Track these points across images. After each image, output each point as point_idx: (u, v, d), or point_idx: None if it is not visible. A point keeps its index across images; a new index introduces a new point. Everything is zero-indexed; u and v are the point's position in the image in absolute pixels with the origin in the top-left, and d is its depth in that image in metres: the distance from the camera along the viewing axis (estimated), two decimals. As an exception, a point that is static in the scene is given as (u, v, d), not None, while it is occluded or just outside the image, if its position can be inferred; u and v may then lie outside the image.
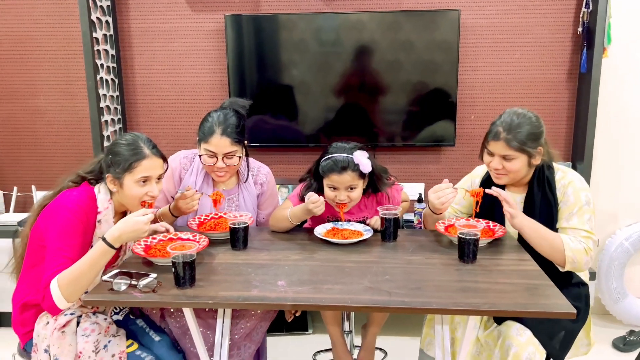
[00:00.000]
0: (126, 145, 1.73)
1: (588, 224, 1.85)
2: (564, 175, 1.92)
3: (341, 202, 1.96)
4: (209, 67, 3.00)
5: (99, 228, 1.72)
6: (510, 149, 1.84)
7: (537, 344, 1.77)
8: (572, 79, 2.88)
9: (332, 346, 2.18)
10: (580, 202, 1.86)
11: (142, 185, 1.73)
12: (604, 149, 2.92)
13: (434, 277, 1.60)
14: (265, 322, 2.02)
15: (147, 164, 1.73)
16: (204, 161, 2.04)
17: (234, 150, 2.01)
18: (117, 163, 1.71)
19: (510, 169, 1.87)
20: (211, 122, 2.01)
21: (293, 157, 3.08)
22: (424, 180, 3.04)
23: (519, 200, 1.98)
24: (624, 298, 2.92)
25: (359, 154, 1.93)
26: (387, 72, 2.85)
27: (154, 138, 3.06)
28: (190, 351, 1.92)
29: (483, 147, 1.95)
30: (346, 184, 1.93)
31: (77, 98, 3.05)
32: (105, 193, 1.75)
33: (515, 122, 1.85)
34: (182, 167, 2.15)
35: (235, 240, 1.84)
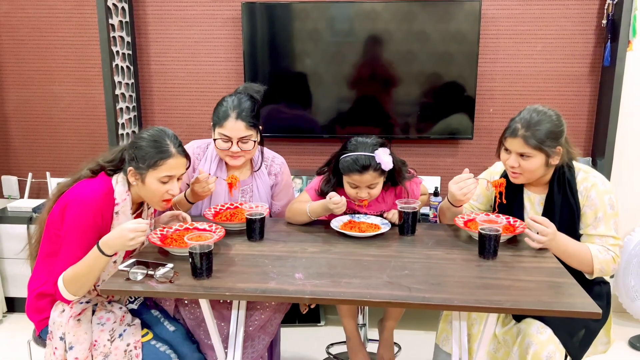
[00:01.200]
0: (153, 141, 1.69)
1: (614, 230, 1.81)
2: (586, 176, 1.87)
3: (363, 198, 1.93)
4: (225, 56, 2.97)
5: (116, 219, 1.70)
6: (528, 147, 1.79)
7: (557, 342, 1.75)
8: (594, 72, 2.82)
9: (347, 339, 2.16)
10: (605, 206, 1.81)
11: (164, 183, 1.70)
12: (625, 144, 2.86)
13: (454, 273, 1.57)
14: (280, 314, 2.01)
15: (173, 163, 1.70)
16: (218, 145, 2.02)
17: (248, 135, 1.99)
18: (142, 158, 1.68)
19: (526, 167, 1.82)
20: (226, 107, 1.99)
21: (307, 147, 3.05)
22: (441, 174, 3.00)
23: (538, 200, 1.94)
24: (642, 296, 2.88)
25: (381, 151, 1.88)
26: (404, 63, 2.80)
27: (169, 126, 3.03)
28: (204, 342, 1.91)
29: (500, 144, 1.90)
30: (367, 183, 1.90)
31: (92, 85, 3.04)
32: (123, 184, 1.73)
33: (534, 120, 1.79)
34: (196, 156, 2.13)
35: (252, 231, 1.82)
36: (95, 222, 1.64)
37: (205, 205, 2.11)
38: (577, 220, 1.85)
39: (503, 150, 1.89)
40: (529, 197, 1.96)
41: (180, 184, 1.76)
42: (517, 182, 1.91)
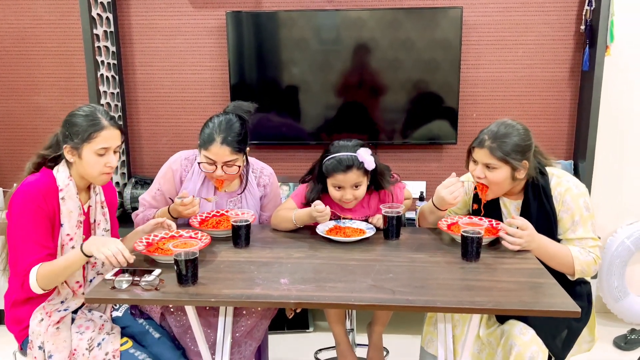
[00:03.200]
0: (84, 115, 1.73)
1: (592, 231, 1.85)
2: (559, 181, 1.89)
3: (348, 200, 1.95)
4: (210, 65, 2.99)
5: (63, 205, 1.72)
6: (493, 158, 1.81)
7: (540, 343, 1.77)
8: (574, 77, 2.87)
9: (337, 345, 2.17)
10: (580, 209, 1.84)
11: (101, 156, 1.72)
12: (606, 147, 2.92)
13: (438, 276, 1.59)
14: (266, 319, 2.02)
15: (106, 134, 1.72)
16: (203, 168, 1.99)
17: (233, 159, 1.95)
18: (75, 133, 1.70)
19: (492, 179, 1.84)
20: (211, 129, 1.94)
21: (294, 154, 3.07)
22: (426, 179, 3.03)
23: (514, 207, 1.96)
24: (625, 297, 2.92)
25: (363, 151, 1.93)
26: (388, 70, 2.84)
27: (155, 135, 3.10)
28: (191, 349, 1.91)
29: (469, 154, 1.93)
30: (352, 183, 1.93)
31: (77, 95, 3.04)
32: (64, 171, 1.75)
33: (501, 132, 1.82)
34: (183, 169, 2.09)
35: (238, 238, 1.83)
36: (38, 205, 1.66)
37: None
38: (554, 226, 1.88)
39: (471, 161, 1.92)
40: (505, 204, 1.98)
41: (117, 157, 1.77)
42: (484, 199, 1.92)
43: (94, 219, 1.84)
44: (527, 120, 2.89)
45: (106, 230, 1.87)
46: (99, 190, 1.87)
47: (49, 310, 1.71)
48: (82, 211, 1.78)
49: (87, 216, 1.81)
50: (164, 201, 2.10)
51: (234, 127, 1.95)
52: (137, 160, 3.13)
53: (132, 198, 2.90)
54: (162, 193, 2.09)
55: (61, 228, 1.72)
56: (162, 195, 2.09)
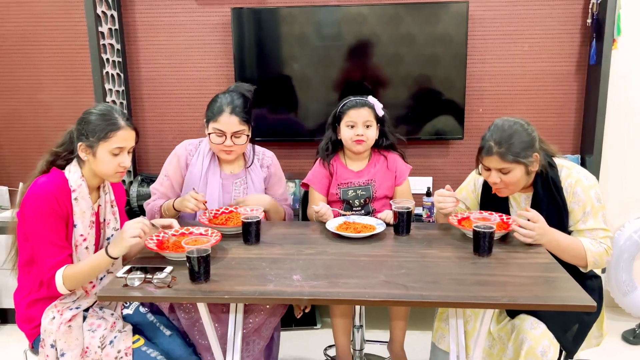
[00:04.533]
0: (101, 114, 1.73)
1: (603, 222, 1.84)
2: (569, 172, 1.89)
3: (359, 138, 2.10)
4: (215, 62, 2.98)
5: (76, 206, 1.72)
6: (505, 162, 1.80)
7: (551, 337, 1.77)
8: (581, 71, 2.86)
9: (336, 336, 2.20)
10: (591, 201, 1.84)
11: (115, 155, 1.73)
12: (613, 141, 2.90)
13: (450, 271, 1.59)
14: (274, 317, 2.02)
15: (123, 134, 1.73)
16: (212, 140, 2.06)
17: (242, 129, 2.05)
18: (92, 131, 1.70)
19: (508, 181, 1.83)
20: (220, 102, 2.06)
21: (297, 151, 3.05)
22: (432, 174, 3.02)
23: (523, 199, 1.96)
24: (633, 291, 2.91)
25: (372, 98, 2.17)
26: (394, 65, 2.82)
27: (160, 133, 3.09)
28: (199, 343, 1.91)
29: (477, 162, 1.92)
30: (364, 119, 2.10)
31: (82, 93, 3.03)
32: (76, 171, 1.75)
33: (506, 134, 1.80)
34: (188, 153, 2.17)
35: (248, 234, 1.83)
36: (52, 209, 1.66)
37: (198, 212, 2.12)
38: (565, 217, 1.87)
39: (483, 169, 1.90)
40: (514, 197, 1.98)
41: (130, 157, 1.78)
42: (503, 195, 1.92)
43: (103, 218, 1.83)
44: (534, 115, 2.90)
45: (116, 229, 1.87)
46: (108, 189, 1.86)
47: (60, 309, 1.70)
48: (93, 211, 1.77)
49: (97, 216, 1.81)
50: (171, 188, 2.16)
51: (239, 100, 2.07)
52: (142, 158, 3.13)
53: (138, 196, 2.89)
54: (169, 179, 2.15)
55: (74, 229, 1.71)
56: (170, 181, 2.15)
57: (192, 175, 2.14)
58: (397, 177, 2.21)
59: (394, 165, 2.21)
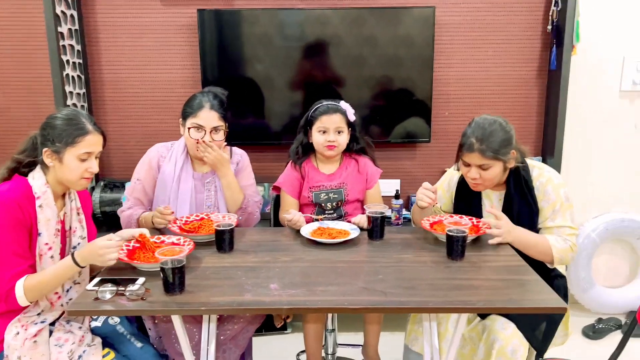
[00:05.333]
0: (67, 119, 1.67)
1: (571, 220, 1.90)
2: (541, 172, 1.95)
3: (330, 144, 2.11)
4: (181, 64, 2.92)
5: (41, 213, 1.65)
6: (486, 159, 1.84)
7: (521, 336, 1.81)
8: (542, 75, 2.95)
9: (307, 342, 2.19)
10: (561, 199, 1.90)
11: (83, 161, 1.68)
12: (573, 144, 3.01)
13: (426, 276, 1.61)
14: (253, 326, 2.00)
15: (91, 139, 1.68)
16: (191, 135, 2.05)
17: (221, 125, 2.07)
18: (58, 137, 1.65)
19: (487, 177, 1.88)
20: (199, 99, 2.07)
21: (263, 155, 3.00)
22: (400, 177, 3.05)
23: (496, 197, 2.01)
24: (591, 287, 3.03)
25: (344, 103, 2.17)
26: (362, 68, 2.84)
27: (123, 137, 3.00)
28: (174, 349, 1.87)
29: (458, 158, 1.96)
30: (335, 125, 2.11)
31: (41, 95, 2.91)
32: (40, 178, 1.69)
33: (487, 132, 1.85)
34: (160, 155, 2.15)
35: (222, 242, 1.80)
36: (15, 217, 1.59)
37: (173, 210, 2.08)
38: (535, 215, 1.93)
39: (462, 165, 1.94)
40: (488, 195, 2.03)
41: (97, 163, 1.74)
42: (479, 190, 1.98)
43: (69, 226, 1.76)
44: (498, 118, 2.97)
45: (82, 238, 1.80)
46: (74, 197, 1.80)
47: (24, 323, 1.63)
48: (59, 219, 1.70)
49: (62, 224, 1.74)
50: (143, 192, 2.13)
51: (217, 98, 2.11)
52: (105, 163, 3.03)
53: (101, 202, 2.80)
54: (141, 182, 2.12)
55: (39, 237, 1.64)
56: (142, 184, 2.12)
57: (164, 176, 2.11)
58: (368, 180, 2.22)
59: (364, 168, 2.22)
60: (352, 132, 2.20)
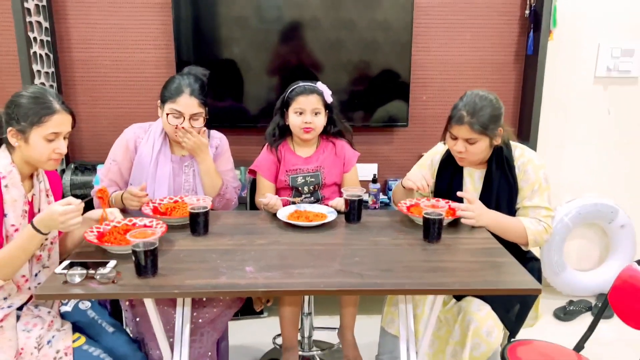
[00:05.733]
0: (33, 97, 1.60)
1: (548, 202, 1.92)
2: (522, 152, 1.97)
3: (307, 126, 2.07)
4: (154, 43, 2.84)
5: (7, 194, 1.59)
6: (474, 133, 1.86)
7: (495, 318, 1.84)
8: (519, 60, 2.96)
9: (283, 325, 2.18)
10: (540, 180, 1.92)
11: (50, 141, 1.61)
12: (548, 128, 3.04)
13: (403, 258, 1.60)
14: (231, 310, 1.98)
15: (58, 119, 1.61)
16: (170, 121, 1.99)
17: (200, 112, 2.01)
18: (24, 116, 1.57)
19: (473, 151, 1.90)
20: (178, 83, 2.00)
21: (239, 138, 2.94)
22: (378, 161, 3.04)
23: (478, 176, 2.02)
24: (563, 270, 3.09)
25: (321, 84, 2.14)
26: (338, 51, 2.80)
27: (95, 118, 2.92)
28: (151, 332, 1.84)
29: (446, 131, 1.96)
30: (312, 106, 2.07)
31: (8, 74, 2.80)
32: (6, 157, 1.62)
33: (478, 106, 1.86)
34: (137, 136, 2.09)
35: (196, 225, 1.76)
36: None
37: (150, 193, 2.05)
38: (514, 195, 1.95)
39: (449, 137, 1.95)
40: (470, 173, 2.03)
41: (66, 143, 1.67)
42: (464, 165, 2.00)
43: (38, 208, 1.70)
44: (475, 103, 2.97)
45: None
46: (42, 178, 1.73)
47: (-10, 308, 1.58)
48: (26, 200, 1.64)
49: (31, 206, 1.68)
50: (119, 173, 2.07)
51: (198, 83, 2.03)
52: (76, 145, 2.94)
53: (72, 184, 2.73)
54: (117, 164, 2.07)
55: (5, 218, 1.58)
56: (117, 166, 2.07)
57: (141, 158, 2.05)
58: (345, 163, 2.21)
59: (342, 151, 2.20)
60: (330, 115, 2.17)
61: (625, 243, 3.09)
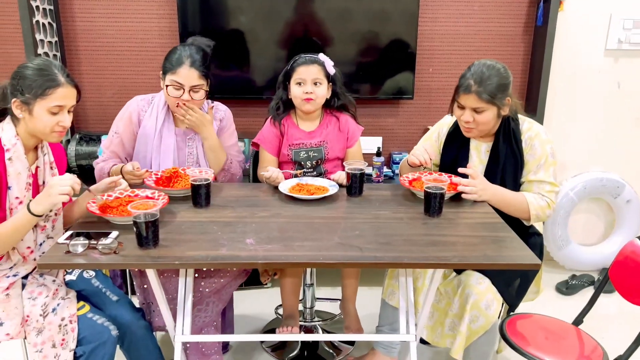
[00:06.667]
0: (38, 69, 1.59)
1: (553, 177, 1.91)
2: (530, 126, 1.95)
3: (308, 96, 2.05)
4: (157, 12, 2.80)
5: (11, 166, 1.60)
6: (482, 102, 1.84)
7: (495, 291, 1.85)
8: (528, 32, 2.90)
9: (283, 294, 2.22)
10: (546, 154, 1.90)
11: (54, 114, 1.61)
12: (555, 101, 2.99)
13: (403, 232, 1.61)
14: (237, 281, 2.01)
15: (62, 92, 1.60)
16: (170, 93, 1.97)
17: (201, 84, 1.98)
18: (28, 87, 1.57)
19: (480, 121, 1.88)
20: (179, 54, 1.97)
21: (245, 109, 2.94)
22: (382, 134, 3.02)
23: (484, 149, 2.00)
24: (567, 245, 3.08)
25: (323, 55, 2.11)
26: (344, 21, 2.75)
27: (99, 88, 2.91)
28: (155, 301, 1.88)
29: (453, 100, 1.94)
30: (313, 76, 2.05)
31: (11, 43, 2.78)
32: (10, 129, 1.63)
33: (485, 75, 1.84)
34: (140, 109, 2.08)
35: (198, 198, 1.77)
36: None
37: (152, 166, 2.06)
38: (520, 169, 1.94)
39: (456, 107, 1.93)
40: (476, 146, 2.02)
41: (71, 117, 1.67)
42: (471, 136, 1.98)
43: (42, 181, 1.72)
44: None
45: None
46: (47, 150, 1.74)
47: (-4, 277, 1.61)
48: (30, 172, 1.65)
49: (35, 178, 1.69)
50: (121, 145, 2.08)
51: (199, 54, 1.99)
52: (80, 115, 2.95)
53: (77, 155, 2.74)
54: (120, 136, 2.07)
55: (9, 191, 1.59)
56: (120, 138, 2.07)
57: (145, 131, 2.05)
58: (349, 138, 2.19)
59: (345, 126, 2.19)
60: (333, 88, 2.15)
61: (630, 218, 3.08)
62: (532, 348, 1.73)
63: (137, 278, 1.99)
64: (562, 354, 1.71)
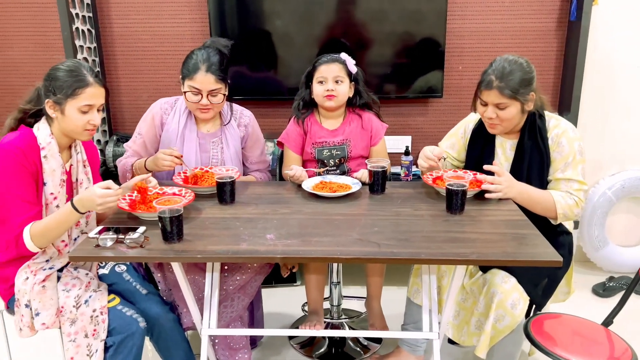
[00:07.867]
0: (68, 70, 1.68)
1: (581, 175, 1.87)
2: (557, 123, 1.91)
3: (330, 93, 2.08)
4: (190, 17, 2.89)
5: (46, 164, 1.69)
6: (504, 97, 1.81)
7: (521, 290, 1.81)
8: (561, 27, 2.83)
9: (308, 290, 2.25)
10: (574, 152, 1.86)
11: (84, 113, 1.69)
12: (591, 98, 2.91)
13: (422, 228, 1.61)
14: (260, 275, 2.05)
15: (91, 91, 1.69)
16: (188, 98, 2.02)
17: (218, 88, 2.01)
18: (59, 88, 1.66)
19: (504, 117, 1.85)
20: (195, 59, 2.00)
21: (276, 111, 2.99)
22: (411, 133, 3.01)
23: (509, 146, 1.97)
24: (605, 246, 2.99)
25: (345, 54, 2.14)
26: (373, 22, 2.76)
27: (134, 91, 3.02)
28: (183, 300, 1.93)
29: (476, 97, 1.92)
30: (334, 74, 2.08)
31: (52, 49, 2.93)
32: (45, 128, 1.72)
33: (507, 70, 1.82)
34: (163, 111, 2.14)
35: (223, 194, 1.82)
36: (21, 164, 1.63)
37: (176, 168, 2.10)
38: (545, 167, 1.90)
39: (479, 104, 1.91)
40: (501, 143, 1.99)
41: (101, 115, 1.74)
42: (495, 133, 1.96)
43: (75, 178, 1.81)
44: (513, 72, 2.87)
45: None
46: (80, 149, 1.83)
47: (34, 269, 1.70)
48: (64, 170, 1.74)
49: (69, 175, 1.78)
50: (143, 146, 2.14)
51: (216, 57, 2.02)
52: (117, 117, 3.07)
53: (114, 155, 2.85)
54: (142, 137, 2.13)
55: (44, 187, 1.69)
56: (142, 139, 2.13)
57: (168, 134, 2.11)
58: (372, 136, 2.20)
59: (369, 124, 2.19)
60: (356, 86, 2.16)
61: (672, 218, 2.96)
62: (559, 348, 1.69)
63: (160, 283, 2.04)
64: (590, 355, 1.67)
